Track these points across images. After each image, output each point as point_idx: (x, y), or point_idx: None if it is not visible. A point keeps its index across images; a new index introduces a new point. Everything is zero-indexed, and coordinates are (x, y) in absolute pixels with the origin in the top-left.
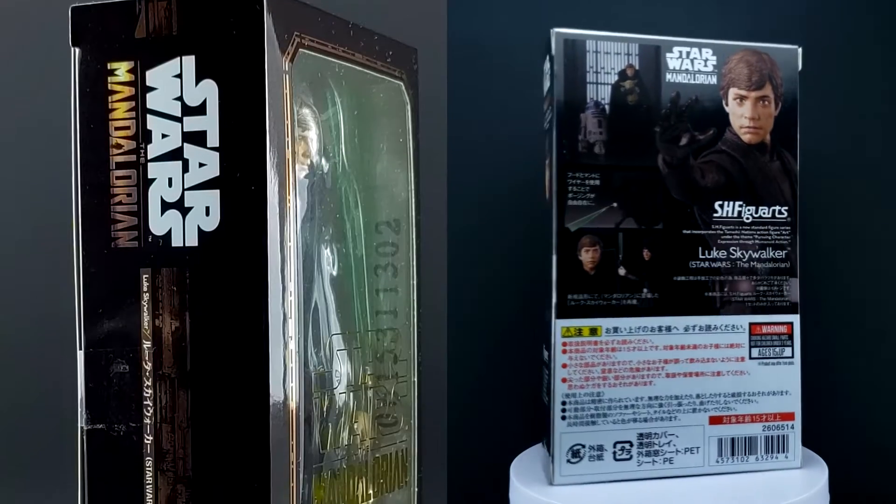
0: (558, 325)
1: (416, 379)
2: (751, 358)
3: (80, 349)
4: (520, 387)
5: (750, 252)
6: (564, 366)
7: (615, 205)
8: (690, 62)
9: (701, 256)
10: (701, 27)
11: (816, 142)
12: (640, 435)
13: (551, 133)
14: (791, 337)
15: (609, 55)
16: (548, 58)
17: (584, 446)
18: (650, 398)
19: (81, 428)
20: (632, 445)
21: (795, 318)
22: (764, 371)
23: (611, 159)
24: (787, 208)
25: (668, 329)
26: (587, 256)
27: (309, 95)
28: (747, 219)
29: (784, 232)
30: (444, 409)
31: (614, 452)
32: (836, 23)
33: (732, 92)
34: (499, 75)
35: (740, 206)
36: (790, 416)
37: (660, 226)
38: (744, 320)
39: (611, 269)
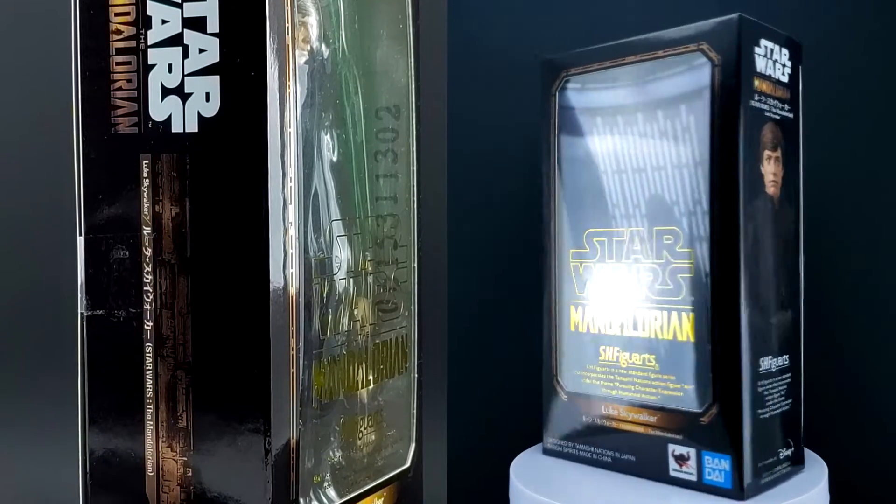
0: None
1: (415, 265)
2: None
3: (80, 235)
4: (520, 386)
5: None
6: None
7: None
8: None
9: None
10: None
11: (823, 144)
12: None
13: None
14: None
15: None
16: (782, 51)
17: None
18: None
19: (81, 314)
20: None
21: None
22: None
23: None
24: None
25: None
26: None
27: None
28: None
29: None
30: (445, 294)
31: None
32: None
33: None
34: None
35: None
36: None
37: None
38: None
39: None
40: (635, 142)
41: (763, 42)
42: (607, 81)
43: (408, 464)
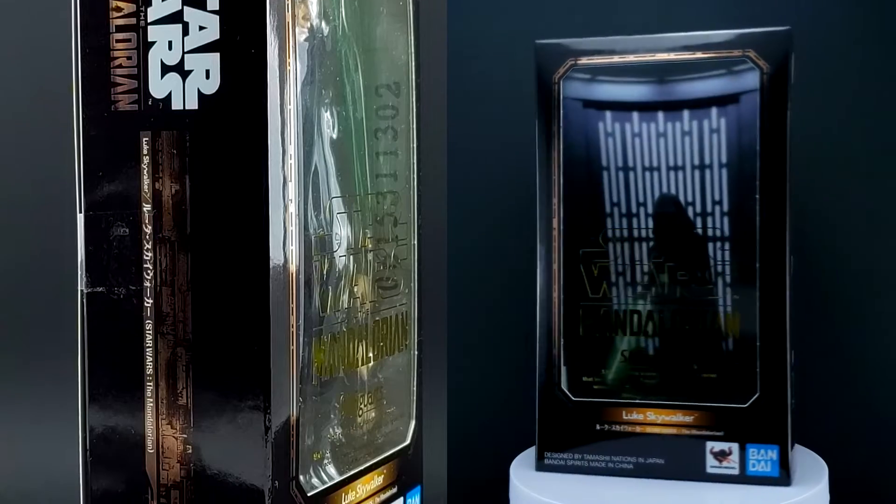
0: None
1: (415, 242)
2: None
3: (80, 212)
4: (521, 385)
5: None
6: None
7: None
8: None
9: None
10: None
11: (822, 138)
12: None
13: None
14: None
15: None
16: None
17: None
18: None
19: (81, 291)
20: None
21: None
22: None
23: None
24: None
25: None
26: None
27: None
28: None
29: None
30: (445, 271)
31: None
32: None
33: None
34: None
35: None
36: None
37: None
38: None
39: None
40: (651, 140)
41: (792, 54)
42: (625, 75)
43: (408, 441)
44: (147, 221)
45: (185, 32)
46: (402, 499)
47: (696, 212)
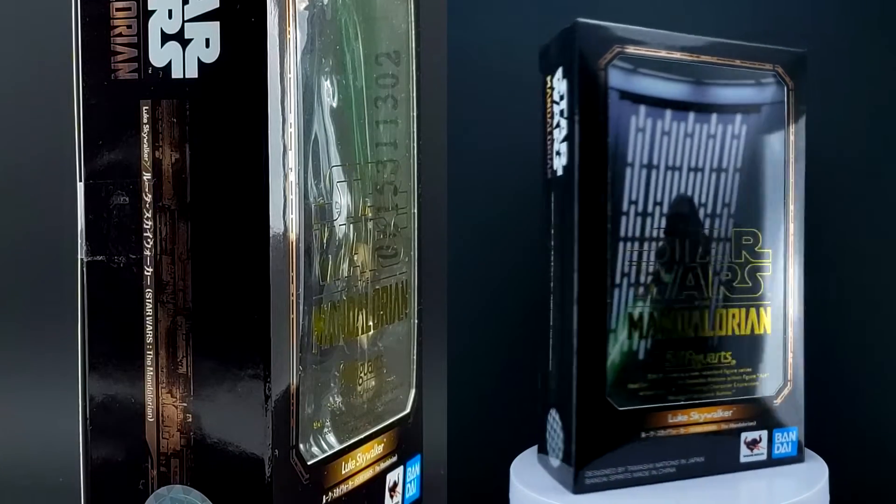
0: None
1: (415, 210)
2: None
3: (80, 181)
4: (522, 385)
5: None
6: None
7: None
8: None
9: None
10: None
11: (825, 142)
12: None
13: None
14: None
15: None
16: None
17: None
18: None
19: (81, 260)
20: None
21: None
22: None
23: None
24: None
25: None
26: None
27: None
28: None
29: None
30: (445, 240)
31: None
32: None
33: None
34: None
35: None
36: None
37: None
38: None
39: None
40: (678, 139)
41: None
42: (668, 71)
43: (408, 409)
44: (147, 190)
45: (185, 1)
46: (402, 467)
47: (707, 213)
